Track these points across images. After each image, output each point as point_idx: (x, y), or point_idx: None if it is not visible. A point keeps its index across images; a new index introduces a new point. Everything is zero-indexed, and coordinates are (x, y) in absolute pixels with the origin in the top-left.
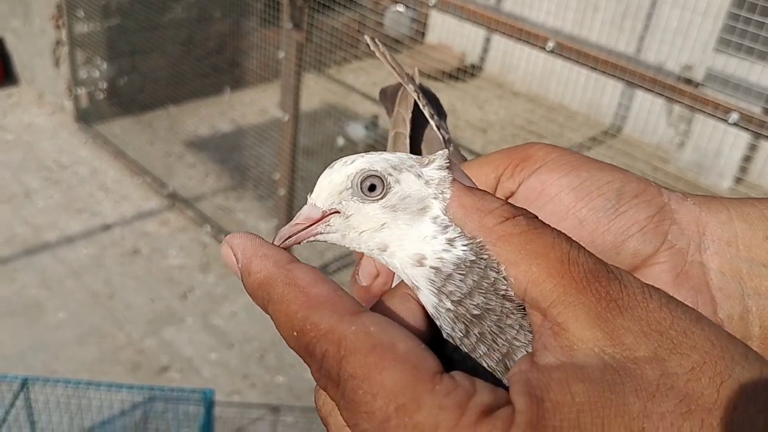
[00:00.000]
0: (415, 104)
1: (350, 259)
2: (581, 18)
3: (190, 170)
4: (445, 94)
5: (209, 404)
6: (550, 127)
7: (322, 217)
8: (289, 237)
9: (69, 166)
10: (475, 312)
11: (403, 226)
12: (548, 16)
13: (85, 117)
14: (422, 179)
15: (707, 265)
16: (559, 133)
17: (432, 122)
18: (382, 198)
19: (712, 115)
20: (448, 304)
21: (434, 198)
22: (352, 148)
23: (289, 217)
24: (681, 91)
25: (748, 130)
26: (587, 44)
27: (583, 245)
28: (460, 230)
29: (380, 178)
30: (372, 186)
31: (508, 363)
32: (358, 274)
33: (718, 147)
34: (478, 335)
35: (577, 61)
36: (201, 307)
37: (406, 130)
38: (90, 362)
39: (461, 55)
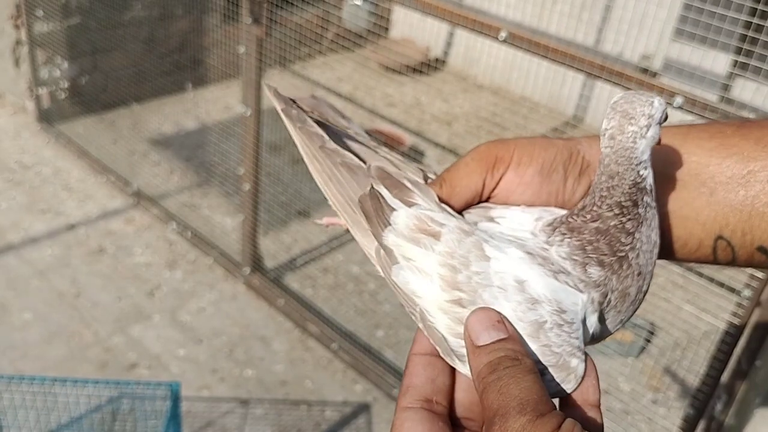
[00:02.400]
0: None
1: (315, 253)
2: (539, 11)
3: (154, 168)
4: (410, 88)
5: (175, 397)
6: (514, 119)
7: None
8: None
9: (32, 167)
10: None
11: None
12: (508, 9)
13: (48, 117)
14: None
15: None
16: (523, 125)
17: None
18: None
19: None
20: None
21: None
22: None
23: (255, 211)
24: (628, 77)
25: (692, 113)
26: (546, 36)
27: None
28: None
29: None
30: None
31: None
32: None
33: None
34: None
35: (530, 51)
36: (168, 304)
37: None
38: (58, 361)
39: (425, 49)
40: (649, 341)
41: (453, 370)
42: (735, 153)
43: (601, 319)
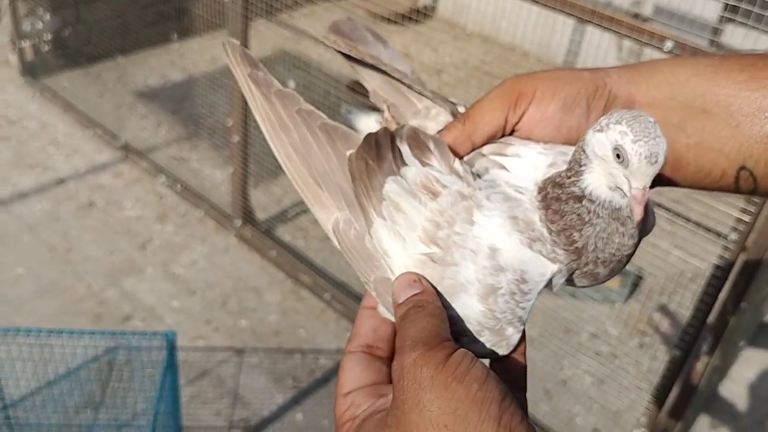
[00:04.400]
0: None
1: (306, 205)
2: None
3: (142, 121)
4: (398, 36)
5: (171, 346)
6: (504, 67)
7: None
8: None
9: (17, 122)
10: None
11: None
12: None
13: (32, 71)
14: None
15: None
16: (513, 73)
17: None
18: None
19: (650, 44)
20: None
21: None
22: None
23: (245, 163)
24: (618, 22)
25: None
26: None
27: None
28: None
29: None
30: None
31: None
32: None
33: None
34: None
35: None
36: (160, 257)
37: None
38: (51, 315)
39: None
40: (636, 286)
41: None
42: (764, 86)
43: (572, 281)
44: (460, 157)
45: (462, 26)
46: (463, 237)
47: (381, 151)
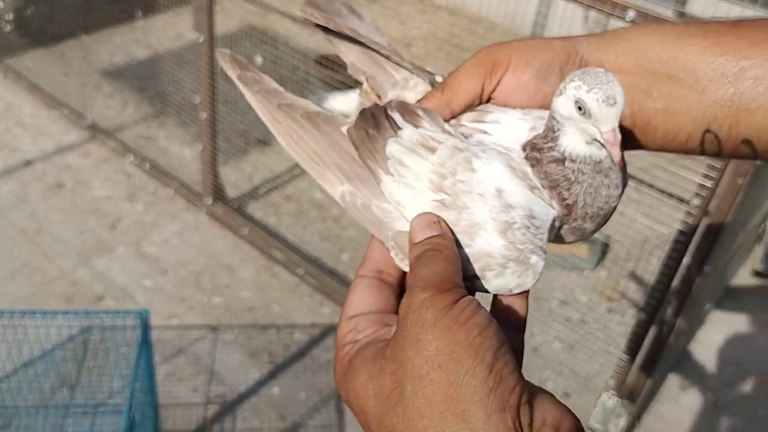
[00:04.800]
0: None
1: (278, 181)
2: None
3: (108, 100)
4: (366, 10)
5: (145, 324)
6: (473, 39)
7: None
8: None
9: None
10: None
11: None
12: None
13: None
14: None
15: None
16: (481, 45)
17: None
18: None
19: (613, 14)
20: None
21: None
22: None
23: (214, 140)
24: None
25: None
26: None
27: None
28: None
29: None
30: None
31: None
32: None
33: None
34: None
35: None
36: (131, 236)
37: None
38: (24, 297)
39: None
40: (604, 254)
41: None
42: (728, 51)
43: (560, 236)
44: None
45: None
46: (468, 183)
47: (377, 120)
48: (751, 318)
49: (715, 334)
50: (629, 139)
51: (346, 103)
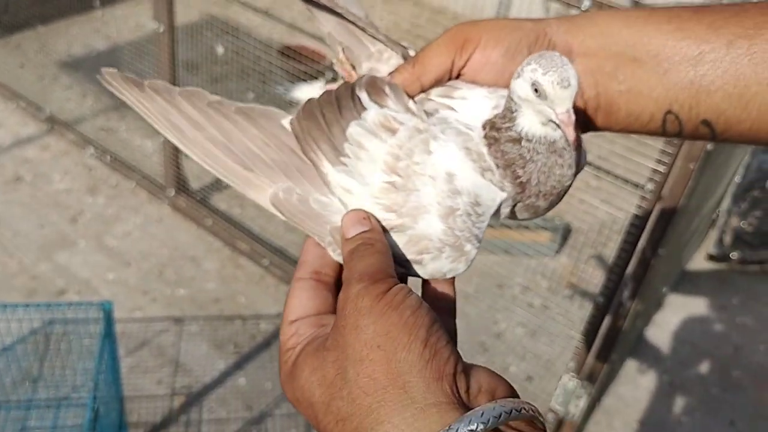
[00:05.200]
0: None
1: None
2: None
3: (66, 92)
4: None
5: (108, 315)
6: (436, 30)
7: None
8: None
9: None
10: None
11: None
12: None
13: None
14: None
15: (576, 69)
16: None
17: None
18: None
19: (569, 4)
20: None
21: None
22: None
23: None
24: None
25: None
26: None
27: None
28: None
29: None
30: None
31: None
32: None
33: None
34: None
35: None
36: (93, 230)
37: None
38: None
39: None
40: (565, 240)
41: None
42: (689, 36)
43: (514, 213)
44: (411, 99)
45: None
46: (422, 166)
47: (341, 102)
48: (706, 301)
49: (671, 316)
50: (593, 120)
51: (311, 93)
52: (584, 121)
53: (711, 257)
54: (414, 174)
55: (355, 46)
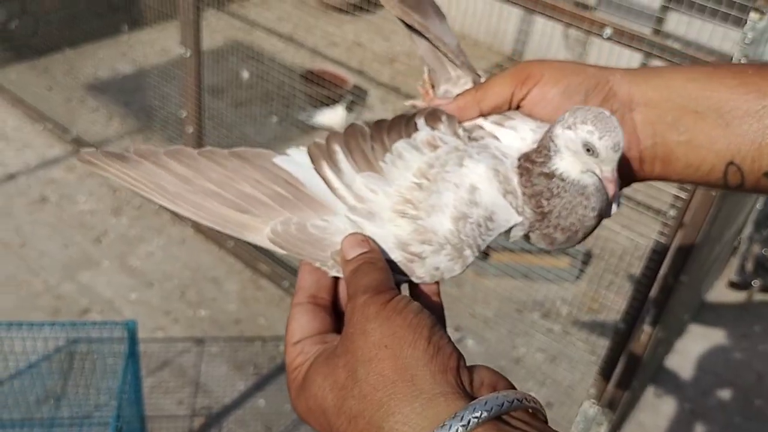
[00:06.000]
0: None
1: None
2: None
3: (92, 114)
4: (350, 26)
5: (132, 334)
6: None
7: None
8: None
9: None
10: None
11: None
12: None
13: None
14: None
15: (635, 119)
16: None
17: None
18: None
19: (591, 32)
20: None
21: None
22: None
23: None
24: (561, 10)
25: (621, 43)
26: None
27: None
28: None
29: None
30: None
31: None
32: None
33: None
34: None
35: None
36: (116, 250)
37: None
38: (8, 310)
39: None
40: (586, 265)
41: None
42: (753, 90)
43: (527, 237)
44: (466, 121)
45: None
46: (451, 174)
47: (393, 124)
48: (728, 328)
49: (692, 344)
50: (649, 170)
51: (332, 118)
52: (637, 170)
53: (732, 285)
54: (441, 180)
55: (438, 69)
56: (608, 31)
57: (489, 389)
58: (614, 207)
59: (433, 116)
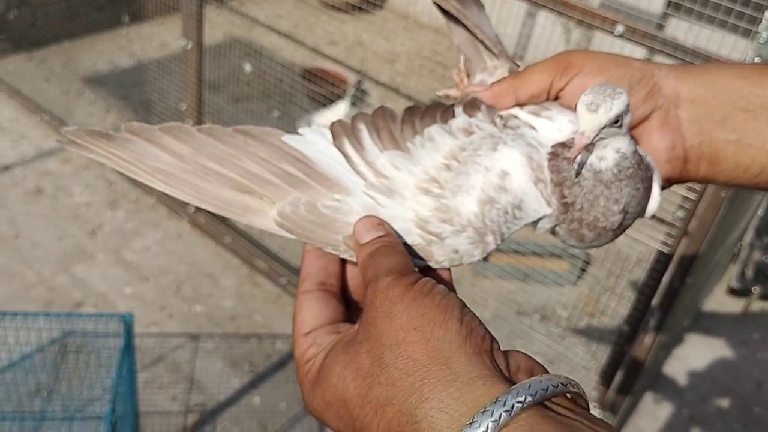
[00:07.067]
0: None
1: None
2: None
3: (90, 107)
4: (351, 26)
5: (128, 327)
6: (456, 57)
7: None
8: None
9: None
10: None
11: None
12: None
13: None
14: None
15: (680, 116)
16: None
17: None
18: (621, 127)
19: (601, 29)
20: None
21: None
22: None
23: None
24: (572, 6)
25: (632, 41)
26: None
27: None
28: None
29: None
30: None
31: None
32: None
33: None
34: None
35: None
36: (112, 243)
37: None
38: (1, 302)
39: None
40: (584, 270)
41: (341, 258)
42: None
43: (555, 232)
44: (502, 110)
45: (414, 16)
46: (482, 158)
47: (428, 109)
48: (727, 335)
49: (691, 350)
50: (695, 170)
51: (332, 118)
52: (681, 170)
53: (732, 291)
54: (472, 162)
55: (475, 59)
56: (620, 29)
57: (527, 374)
58: (652, 205)
59: (471, 105)
